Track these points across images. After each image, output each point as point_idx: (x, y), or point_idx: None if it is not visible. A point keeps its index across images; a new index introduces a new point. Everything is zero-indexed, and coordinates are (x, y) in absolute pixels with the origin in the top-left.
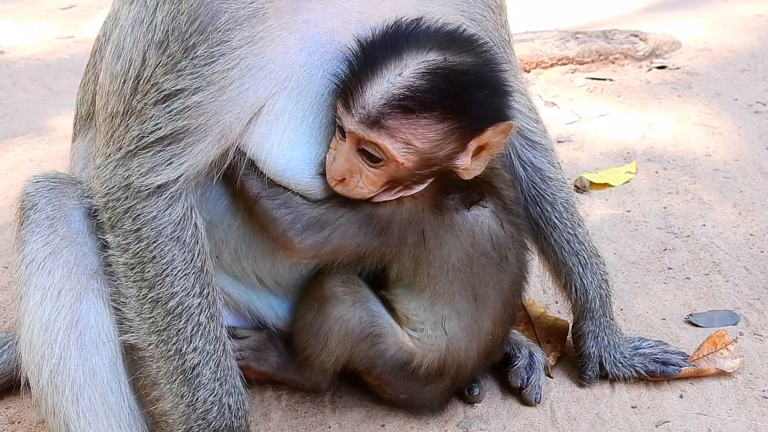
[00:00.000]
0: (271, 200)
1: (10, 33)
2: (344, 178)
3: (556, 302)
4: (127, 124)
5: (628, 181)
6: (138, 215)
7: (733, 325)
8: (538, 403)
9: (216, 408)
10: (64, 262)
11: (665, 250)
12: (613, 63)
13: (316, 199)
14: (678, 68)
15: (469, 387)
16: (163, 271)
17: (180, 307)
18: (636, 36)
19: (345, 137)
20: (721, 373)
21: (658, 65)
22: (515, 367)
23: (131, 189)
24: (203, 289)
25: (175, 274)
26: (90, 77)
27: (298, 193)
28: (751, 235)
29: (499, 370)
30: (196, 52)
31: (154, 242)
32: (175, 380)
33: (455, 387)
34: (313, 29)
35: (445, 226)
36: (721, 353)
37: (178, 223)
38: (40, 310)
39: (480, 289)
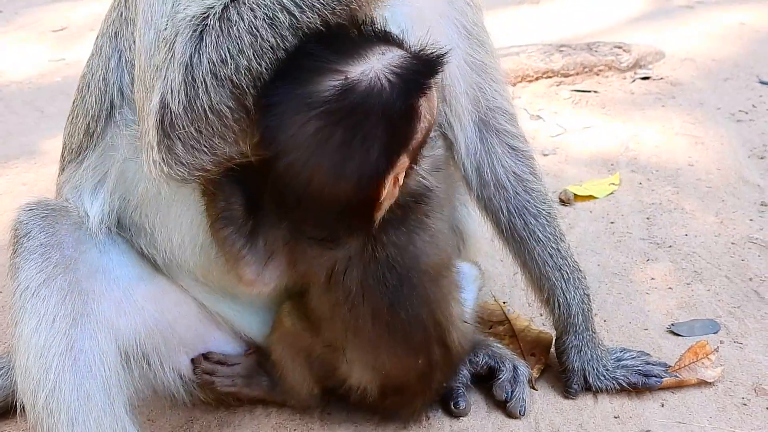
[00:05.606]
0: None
1: (2, 56)
2: None
3: (540, 315)
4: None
5: (612, 193)
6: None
7: (714, 333)
8: (523, 415)
9: None
10: (58, 288)
11: (648, 260)
12: (598, 75)
13: None
14: (662, 78)
15: (455, 401)
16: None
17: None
18: (620, 47)
19: None
20: (703, 383)
21: (642, 76)
22: (500, 381)
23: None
24: None
25: None
26: (79, 108)
27: None
28: (732, 243)
29: (484, 383)
30: None
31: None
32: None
33: (414, 401)
34: None
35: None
36: (703, 363)
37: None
38: (35, 336)
39: (365, 322)
